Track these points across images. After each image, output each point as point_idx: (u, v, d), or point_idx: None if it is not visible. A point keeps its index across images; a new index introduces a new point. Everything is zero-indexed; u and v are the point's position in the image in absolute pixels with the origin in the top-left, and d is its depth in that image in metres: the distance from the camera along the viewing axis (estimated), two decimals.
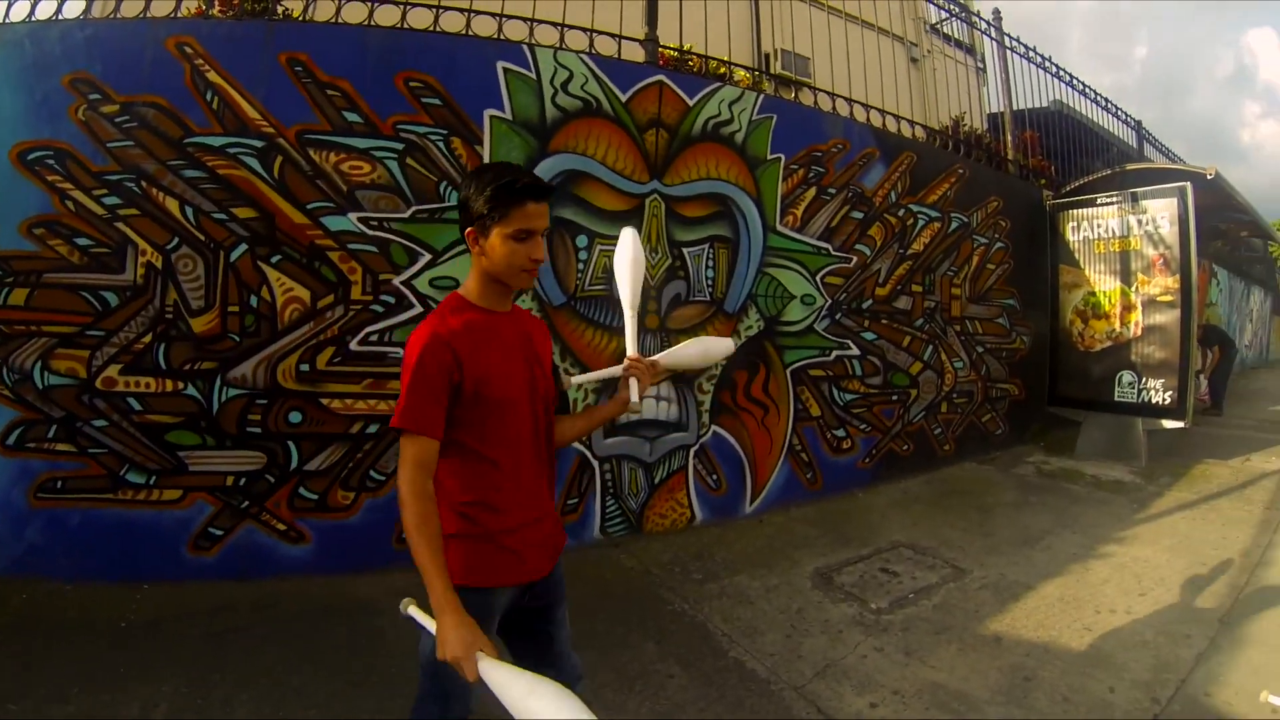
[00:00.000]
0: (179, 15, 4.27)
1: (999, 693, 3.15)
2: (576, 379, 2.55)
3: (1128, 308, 7.67)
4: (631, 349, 2.32)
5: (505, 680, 1.54)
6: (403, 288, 4.31)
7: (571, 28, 4.96)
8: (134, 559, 3.94)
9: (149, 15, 4.20)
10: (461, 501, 1.88)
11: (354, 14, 4.48)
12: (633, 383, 2.25)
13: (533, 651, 2.05)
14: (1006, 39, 9.06)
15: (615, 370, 2.31)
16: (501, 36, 4.72)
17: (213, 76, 4.03)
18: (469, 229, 1.90)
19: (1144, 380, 7.49)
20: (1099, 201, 7.96)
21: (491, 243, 1.86)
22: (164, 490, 3.98)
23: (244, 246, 4.07)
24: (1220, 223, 11.41)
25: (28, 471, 3.88)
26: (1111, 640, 3.62)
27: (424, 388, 1.78)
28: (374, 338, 4.26)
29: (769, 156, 5.64)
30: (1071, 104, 9.99)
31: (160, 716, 2.78)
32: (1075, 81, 9.78)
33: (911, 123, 7.32)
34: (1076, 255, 8.14)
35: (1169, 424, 7.32)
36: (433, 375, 1.78)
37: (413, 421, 1.77)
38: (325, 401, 4.19)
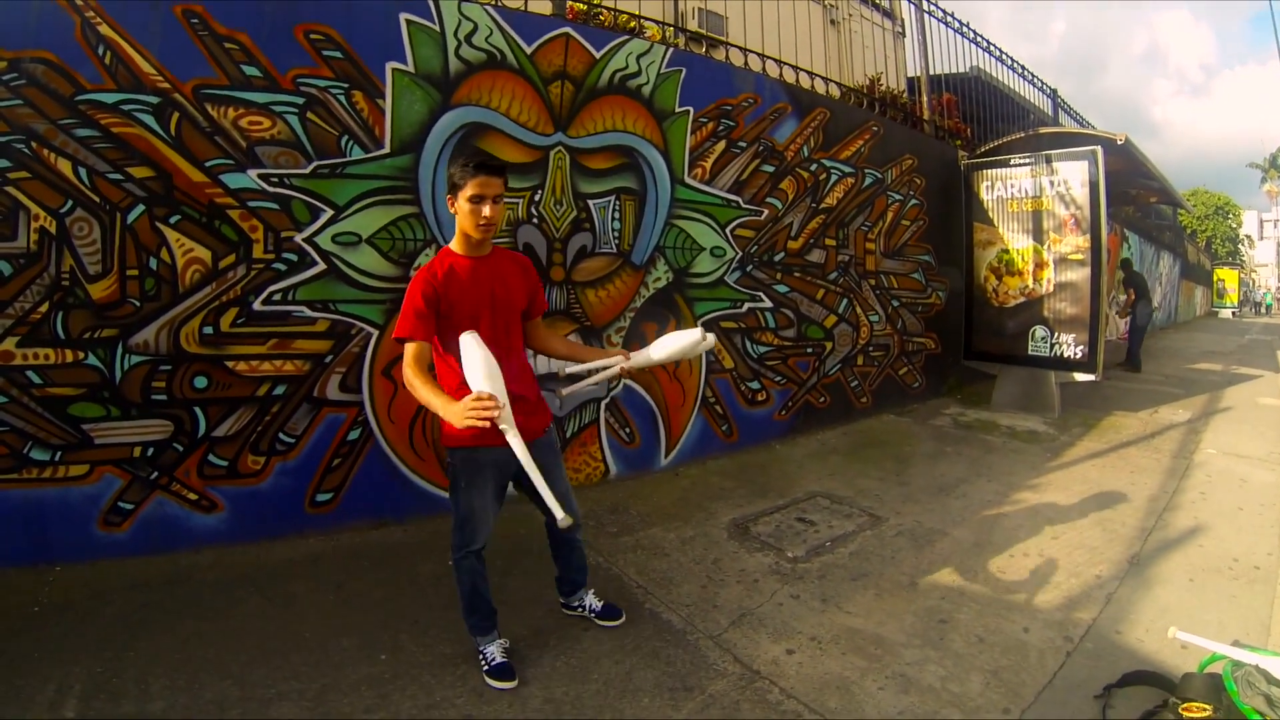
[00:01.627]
0: None
1: (915, 635, 3.22)
2: (570, 368, 3.24)
3: (1040, 265, 7.88)
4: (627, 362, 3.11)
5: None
6: (305, 245, 4.22)
7: None
8: (44, 540, 3.78)
9: None
10: (449, 387, 2.66)
11: None
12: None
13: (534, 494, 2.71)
14: (924, 2, 9.17)
15: (610, 363, 3.13)
16: None
17: (105, 30, 3.81)
18: (449, 196, 2.71)
19: (1056, 335, 7.73)
20: (1013, 162, 8.14)
21: (459, 205, 2.66)
22: (70, 466, 3.80)
23: (141, 207, 3.91)
24: (1130, 188, 11.73)
25: None
26: (1026, 583, 3.74)
27: (414, 310, 2.61)
28: (277, 297, 4.17)
29: (677, 109, 5.64)
30: (990, 71, 10.16)
31: (75, 698, 2.71)
32: (993, 48, 9.94)
33: (825, 80, 7.40)
34: (990, 214, 8.33)
35: (1081, 377, 7.60)
36: (419, 301, 2.61)
37: (406, 332, 2.62)
38: (230, 364, 4.09)
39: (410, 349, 2.62)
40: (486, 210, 2.64)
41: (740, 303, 6.19)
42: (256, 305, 4.13)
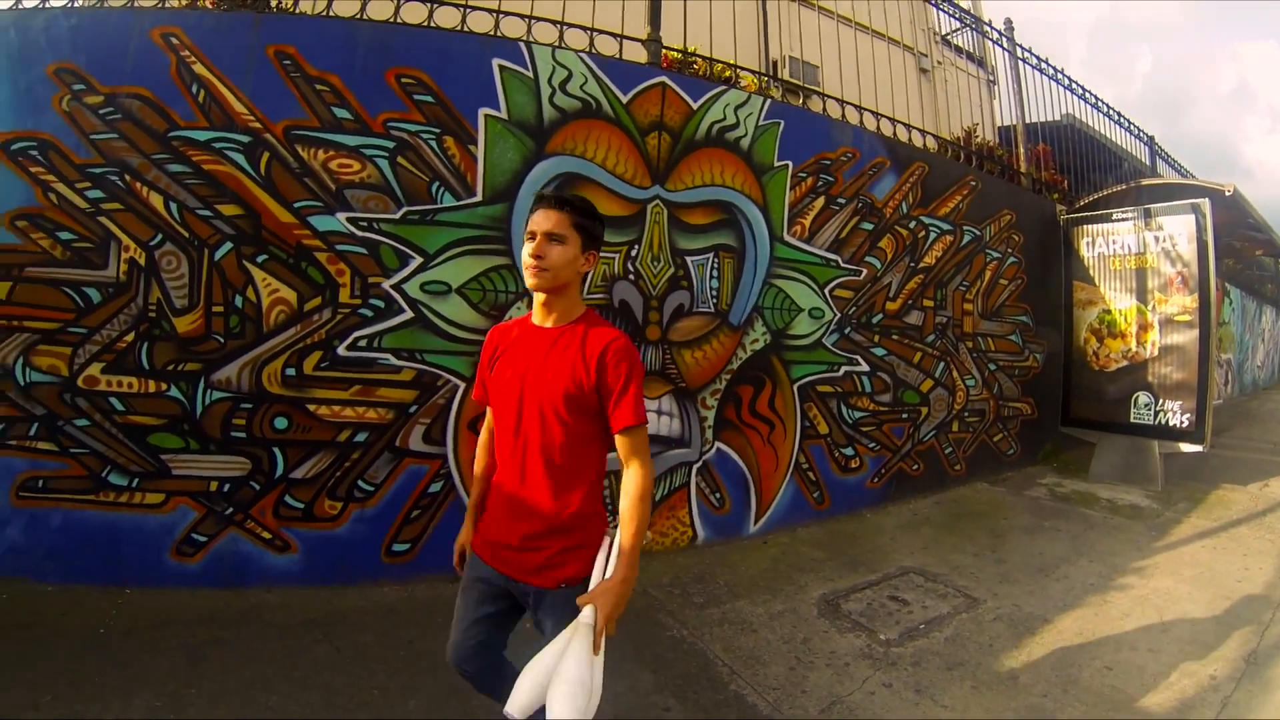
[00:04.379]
0: (165, 5, 4.20)
1: None
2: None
3: (1144, 327, 7.49)
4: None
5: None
6: (392, 291, 4.16)
7: (571, 25, 4.81)
8: (117, 563, 3.84)
9: (135, 5, 4.14)
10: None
11: (345, 7, 4.36)
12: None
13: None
14: (1019, 49, 8.92)
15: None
16: (498, 34, 4.57)
17: (199, 69, 3.91)
18: None
19: (1160, 402, 7.29)
20: (1114, 217, 7.79)
21: None
22: (146, 493, 3.88)
23: (229, 245, 3.95)
24: (1235, 240, 11.22)
25: (9, 470, 3.79)
26: (1134, 680, 3.43)
27: (478, 368, 2.30)
28: (362, 343, 4.12)
29: (776, 164, 5.47)
30: (1083, 118, 9.82)
31: None
32: (1088, 94, 9.61)
33: (923, 132, 7.14)
34: (1091, 271, 7.97)
35: (1187, 448, 7.13)
36: (481, 359, 2.28)
37: (474, 392, 2.35)
38: (312, 408, 4.05)
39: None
40: (533, 250, 2.02)
41: (837, 366, 5.97)
42: (341, 350, 4.10)
